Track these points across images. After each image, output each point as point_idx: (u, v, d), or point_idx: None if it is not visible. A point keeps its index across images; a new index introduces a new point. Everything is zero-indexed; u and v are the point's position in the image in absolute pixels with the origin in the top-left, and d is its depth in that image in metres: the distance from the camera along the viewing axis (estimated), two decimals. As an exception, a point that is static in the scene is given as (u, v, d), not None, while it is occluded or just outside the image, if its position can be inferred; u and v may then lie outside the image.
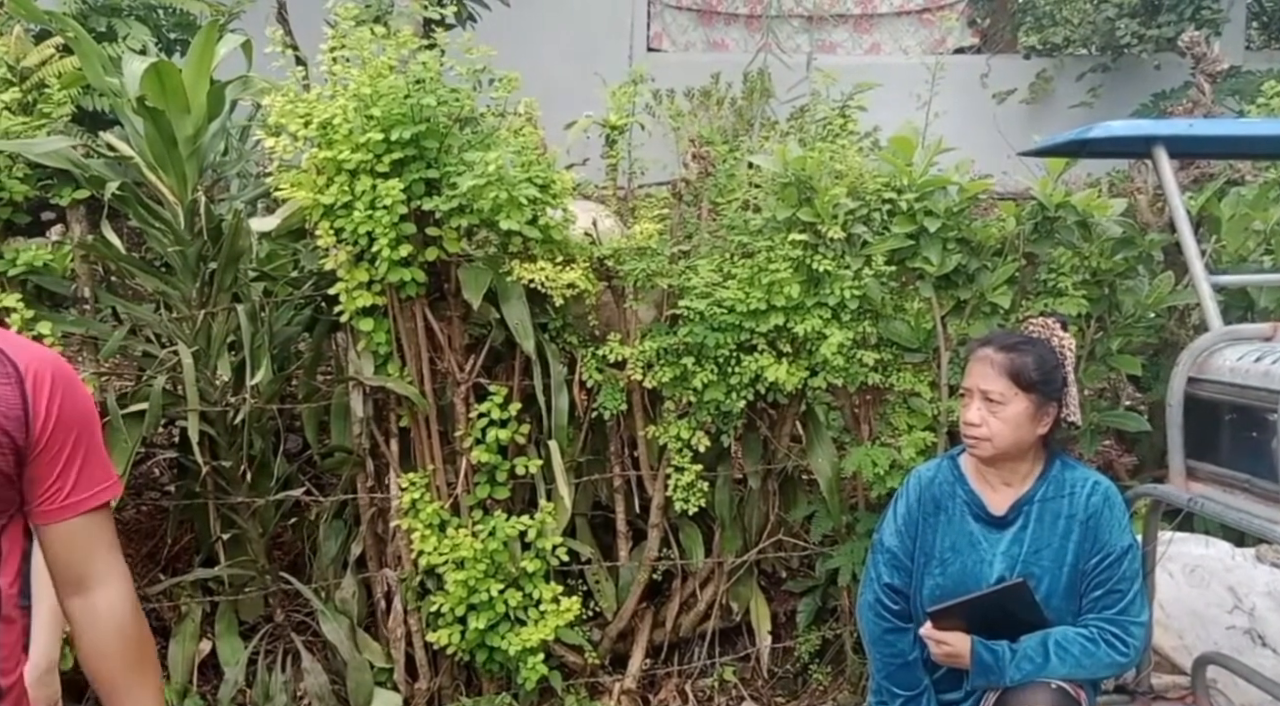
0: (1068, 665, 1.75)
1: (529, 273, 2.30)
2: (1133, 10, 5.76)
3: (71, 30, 2.51)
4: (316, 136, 2.27)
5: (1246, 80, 5.40)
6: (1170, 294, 2.50)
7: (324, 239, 2.32)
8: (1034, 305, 2.44)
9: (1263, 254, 2.74)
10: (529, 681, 2.46)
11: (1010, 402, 1.78)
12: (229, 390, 2.52)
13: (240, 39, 2.75)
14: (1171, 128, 2.13)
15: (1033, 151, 2.31)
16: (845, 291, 2.36)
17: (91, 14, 3.57)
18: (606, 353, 2.46)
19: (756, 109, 4.99)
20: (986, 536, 1.85)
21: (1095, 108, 6.05)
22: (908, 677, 1.89)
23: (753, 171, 2.72)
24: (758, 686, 2.69)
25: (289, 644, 2.58)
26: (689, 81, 5.52)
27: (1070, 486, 1.83)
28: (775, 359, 2.41)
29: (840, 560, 2.55)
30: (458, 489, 2.50)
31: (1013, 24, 6.52)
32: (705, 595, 2.67)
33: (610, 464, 2.62)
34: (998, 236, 2.48)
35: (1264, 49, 6.87)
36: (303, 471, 2.76)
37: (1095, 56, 6.18)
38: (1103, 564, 1.80)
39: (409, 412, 2.49)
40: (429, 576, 2.50)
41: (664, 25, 6.67)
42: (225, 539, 2.57)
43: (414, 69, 2.28)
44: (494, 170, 2.19)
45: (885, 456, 2.41)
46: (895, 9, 6.70)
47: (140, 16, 3.72)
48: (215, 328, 2.52)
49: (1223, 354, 1.82)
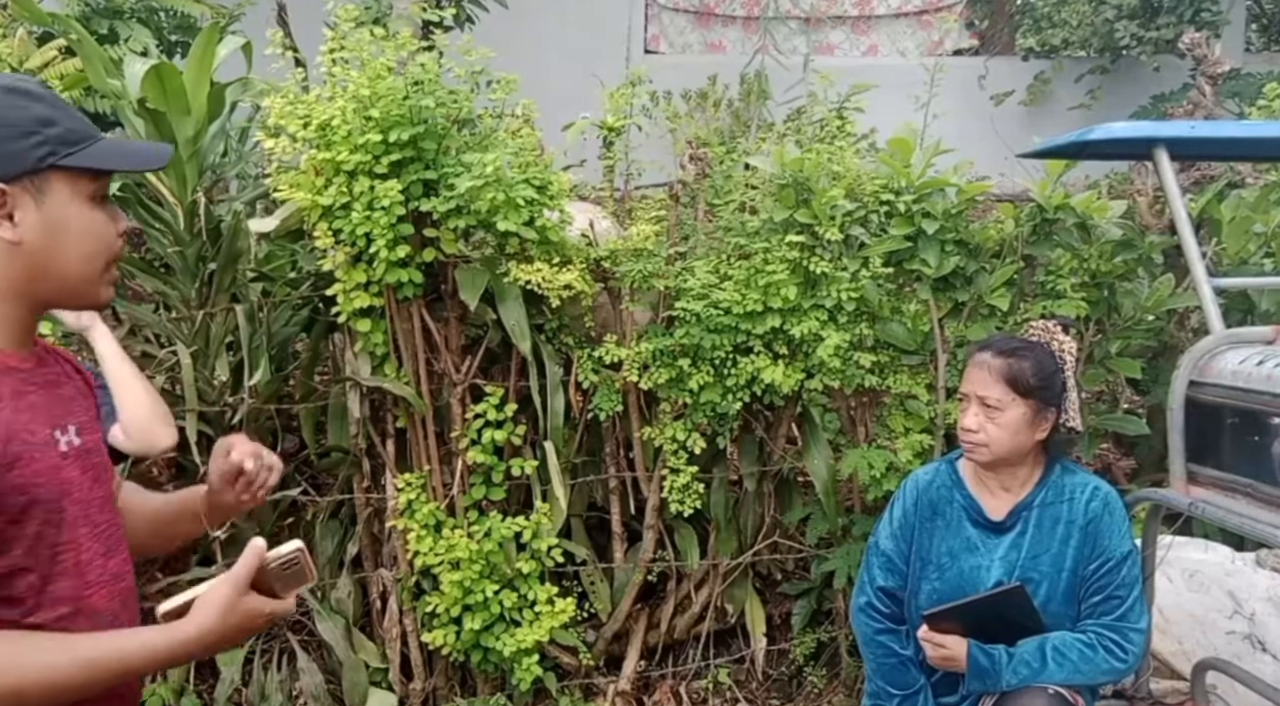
0: (1065, 670, 1.74)
1: (526, 274, 2.30)
2: (1132, 12, 5.77)
3: (74, 32, 2.52)
4: (315, 138, 2.27)
5: (1247, 82, 5.39)
6: (1170, 297, 2.50)
7: (322, 240, 2.32)
8: (1032, 307, 2.44)
9: (1263, 256, 2.73)
10: (524, 682, 2.46)
11: (1008, 409, 1.77)
12: (227, 390, 2.52)
13: (240, 41, 2.76)
14: (1173, 130, 2.13)
15: (1032, 153, 2.30)
16: (842, 293, 2.35)
17: (94, 16, 3.58)
18: (603, 354, 2.46)
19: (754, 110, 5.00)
20: (984, 541, 1.84)
21: (1094, 110, 6.05)
22: (903, 677, 1.88)
23: (750, 173, 2.72)
24: (752, 688, 2.68)
25: (285, 643, 2.57)
26: (686, 83, 5.53)
27: (1070, 491, 1.83)
28: (772, 361, 2.40)
29: (836, 562, 2.55)
30: (454, 489, 2.50)
31: (1011, 26, 6.53)
32: (700, 597, 2.66)
33: (606, 465, 2.62)
34: (996, 238, 2.48)
35: (1264, 51, 6.87)
36: (299, 471, 2.76)
37: (1094, 58, 6.19)
38: (1102, 569, 1.79)
39: (405, 413, 2.49)
40: (425, 577, 2.49)
41: (661, 27, 6.67)
42: (222, 538, 2.56)
43: (412, 71, 2.28)
44: (492, 171, 2.18)
45: (882, 459, 2.40)
46: (893, 10, 6.70)
47: (142, 19, 3.74)
48: (214, 328, 2.52)
49: (1224, 357, 1.81)
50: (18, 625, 0.93)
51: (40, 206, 0.97)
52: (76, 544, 0.99)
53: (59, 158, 0.97)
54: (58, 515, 0.96)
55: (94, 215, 1.01)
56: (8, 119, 0.95)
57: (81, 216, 0.99)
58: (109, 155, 1.02)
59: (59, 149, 0.97)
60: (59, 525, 0.97)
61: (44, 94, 1.00)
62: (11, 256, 0.97)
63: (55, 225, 0.97)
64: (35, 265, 0.98)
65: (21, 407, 0.96)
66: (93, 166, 0.99)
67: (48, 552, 0.96)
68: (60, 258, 0.98)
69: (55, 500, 0.96)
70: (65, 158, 0.97)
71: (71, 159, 0.98)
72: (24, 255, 0.97)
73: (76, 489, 1.00)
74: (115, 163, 1.04)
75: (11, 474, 0.92)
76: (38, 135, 0.96)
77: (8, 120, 0.95)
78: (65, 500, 0.98)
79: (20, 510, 0.93)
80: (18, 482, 0.92)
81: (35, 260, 0.97)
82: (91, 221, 1.00)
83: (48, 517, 0.95)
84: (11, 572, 0.93)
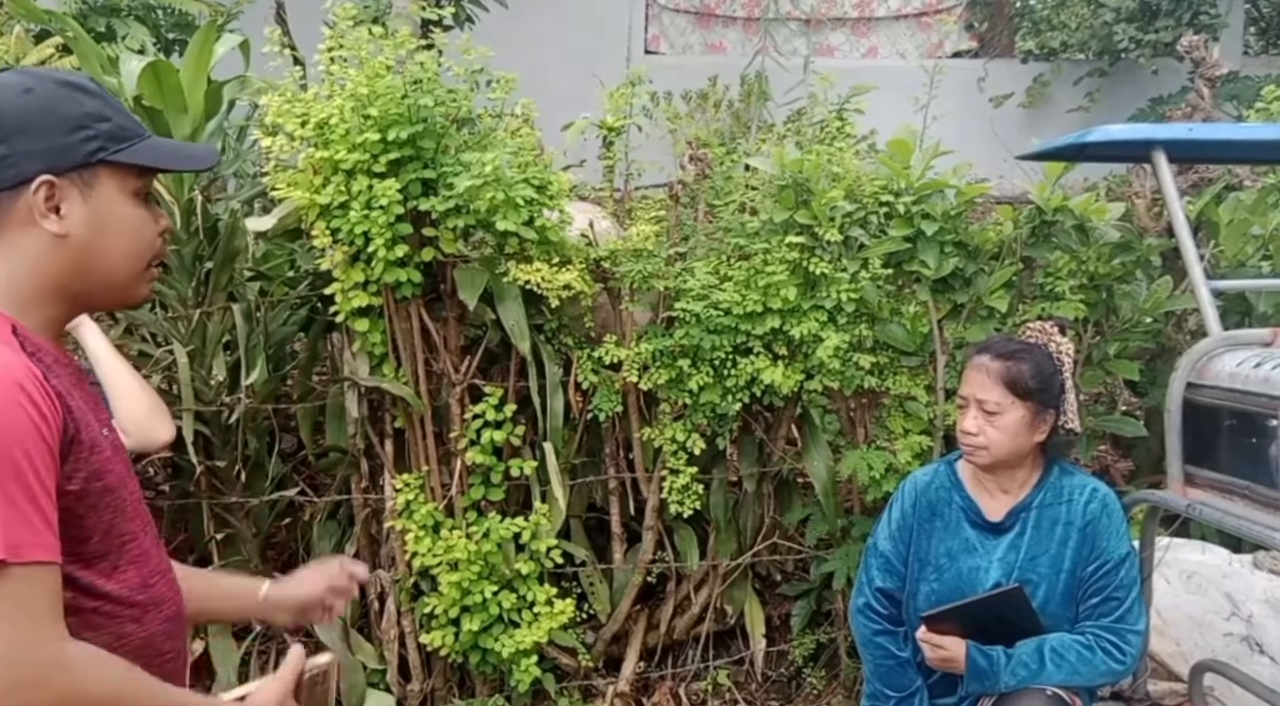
0: (1063, 672, 1.74)
1: (525, 274, 2.30)
2: (1130, 15, 5.78)
3: (71, 30, 2.51)
4: (313, 136, 2.26)
5: (1245, 85, 5.41)
6: (1168, 299, 2.50)
7: (320, 239, 2.31)
8: (1031, 309, 2.44)
9: (1261, 259, 2.74)
10: (522, 683, 2.45)
11: (1007, 411, 1.77)
12: (224, 390, 2.51)
13: (238, 39, 2.75)
14: (1171, 132, 2.13)
15: (1031, 155, 2.30)
16: (842, 294, 2.35)
17: (91, 14, 3.57)
18: (602, 354, 2.45)
19: (754, 111, 5.00)
20: (983, 542, 1.84)
21: (1092, 112, 6.07)
22: (900, 678, 1.88)
23: (750, 174, 2.72)
24: (751, 690, 2.68)
25: (282, 644, 2.57)
26: (686, 84, 5.54)
27: (1068, 493, 1.83)
28: (771, 362, 2.40)
29: (835, 563, 2.55)
30: (452, 490, 2.49)
31: (1010, 28, 6.54)
32: (700, 598, 2.66)
33: (605, 466, 2.62)
34: (995, 240, 2.48)
35: (1262, 54, 6.89)
36: (297, 471, 2.76)
37: (1092, 61, 6.20)
38: (1100, 571, 1.79)
39: (404, 413, 2.49)
40: (423, 578, 2.49)
41: (662, 28, 6.67)
42: (219, 539, 2.55)
43: (411, 69, 2.28)
44: (491, 171, 2.18)
45: (881, 460, 2.40)
46: (893, 12, 6.71)
47: (139, 16, 3.73)
48: (211, 327, 2.51)
49: (1222, 359, 1.81)
50: (96, 612, 0.95)
51: (87, 201, 0.97)
52: (135, 534, 1.01)
53: (109, 153, 0.97)
54: (122, 504, 0.98)
55: (137, 212, 1.01)
56: (61, 112, 0.96)
57: (126, 213, 1.00)
58: (158, 153, 1.03)
59: (109, 145, 0.97)
60: (123, 514, 0.98)
61: (97, 90, 1.00)
62: (56, 250, 0.96)
63: (101, 220, 0.98)
64: (79, 259, 0.97)
65: (80, 397, 0.97)
66: (142, 163, 1.00)
67: (117, 541, 0.97)
68: (104, 253, 0.99)
69: (119, 489, 0.98)
70: (115, 153, 0.98)
71: (121, 155, 0.98)
72: (69, 249, 0.97)
73: (128, 482, 1.02)
74: (164, 161, 1.05)
75: (94, 457, 0.94)
76: (89, 129, 0.96)
77: (61, 113, 0.96)
78: (124, 490, 1.00)
79: (98, 495, 0.94)
80: (97, 467, 0.94)
81: (79, 254, 0.97)
82: (135, 218, 1.01)
83: (118, 505, 0.97)
84: (90, 560, 0.94)
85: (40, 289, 0.97)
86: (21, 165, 0.94)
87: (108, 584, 0.96)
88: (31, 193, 0.94)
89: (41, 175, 0.94)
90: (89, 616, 0.94)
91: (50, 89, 0.96)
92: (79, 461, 0.92)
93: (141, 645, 0.99)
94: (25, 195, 0.94)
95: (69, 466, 0.91)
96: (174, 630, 1.05)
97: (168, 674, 1.00)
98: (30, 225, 0.95)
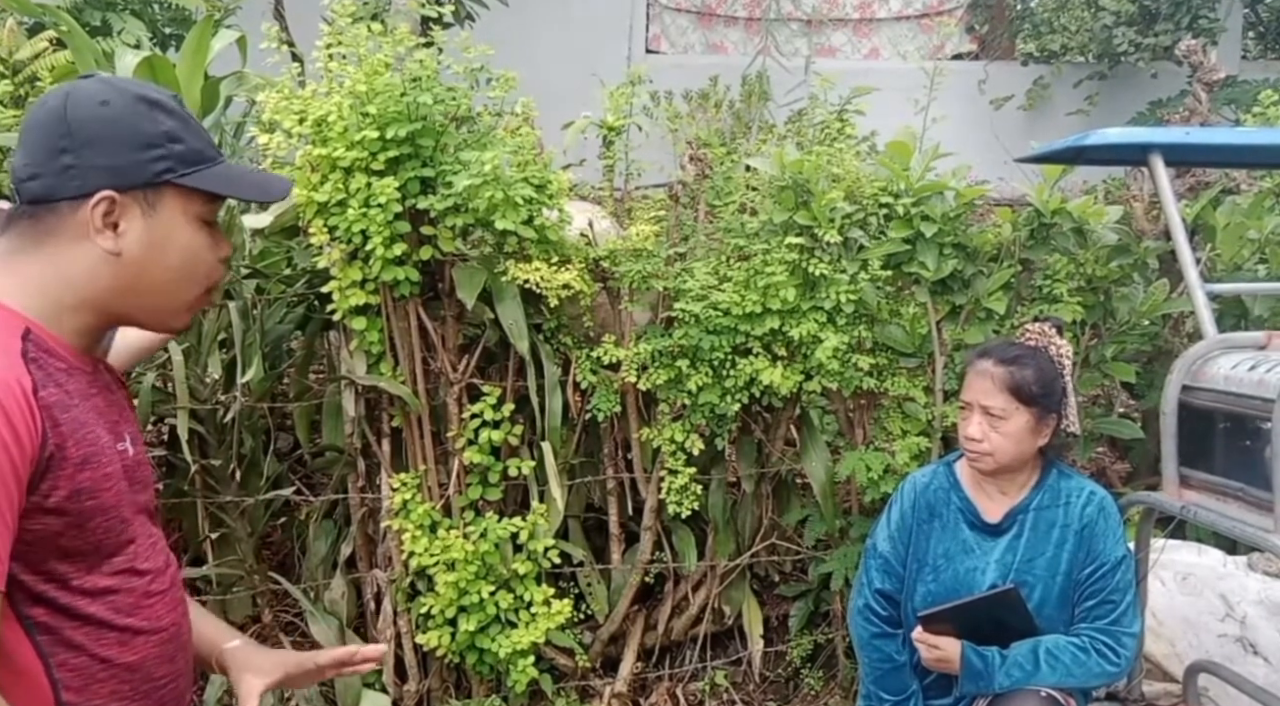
0: (1058, 673, 1.75)
1: (524, 273, 2.29)
2: (1130, 19, 5.79)
3: (64, 24, 2.49)
4: (311, 133, 2.25)
5: (1242, 89, 5.42)
6: (1164, 302, 2.51)
7: (317, 237, 2.30)
8: (1029, 311, 2.44)
9: (1257, 263, 2.75)
10: (519, 684, 2.45)
11: (1011, 417, 1.76)
12: (219, 388, 2.50)
13: (235, 34, 2.74)
14: (1168, 136, 2.13)
15: (1030, 158, 2.30)
16: (841, 295, 2.35)
17: (86, 8, 3.55)
18: (601, 354, 2.45)
19: (754, 112, 5.00)
20: (980, 543, 1.84)
21: (1092, 115, 6.08)
22: (896, 682, 1.88)
23: (750, 174, 2.72)
24: (749, 690, 2.68)
25: (277, 644, 2.56)
26: (687, 83, 5.53)
27: (1066, 495, 1.83)
28: (770, 362, 2.40)
29: (833, 564, 2.55)
30: (449, 490, 2.48)
31: (1011, 31, 6.55)
32: (697, 598, 2.66)
33: (604, 466, 2.61)
34: (994, 242, 2.48)
35: (1260, 58, 6.91)
36: (293, 470, 2.75)
37: (1092, 64, 6.21)
38: (1096, 574, 1.79)
39: (401, 412, 2.48)
40: (419, 577, 2.48)
41: (663, 27, 6.67)
42: (214, 538, 2.55)
43: (410, 67, 2.27)
44: (490, 170, 2.17)
45: (879, 461, 2.40)
46: (894, 14, 6.71)
47: (135, 11, 3.71)
48: (206, 325, 2.50)
49: (1217, 362, 1.82)
50: (76, 632, 0.91)
51: (147, 221, 0.94)
52: (133, 554, 0.97)
53: (177, 176, 0.95)
54: (116, 523, 0.94)
55: (198, 237, 0.98)
56: (135, 128, 0.93)
57: (185, 237, 0.97)
58: (229, 181, 0.99)
59: (179, 166, 0.95)
60: (117, 533, 0.94)
61: (178, 109, 0.97)
62: (107, 266, 0.94)
63: (159, 242, 0.95)
64: (129, 279, 0.95)
65: (88, 409, 0.93)
66: (211, 190, 0.97)
67: (104, 561, 0.93)
68: (153, 275, 0.96)
69: (115, 508, 0.94)
70: (183, 177, 0.95)
71: (190, 179, 0.95)
72: (120, 266, 0.94)
73: (129, 499, 0.97)
74: (234, 189, 1.01)
75: (83, 474, 0.89)
76: (161, 149, 0.94)
77: (135, 129, 0.93)
78: (124, 509, 0.95)
79: (86, 514, 0.90)
80: (86, 485, 0.90)
81: (128, 273, 0.95)
82: (195, 243, 0.98)
83: (109, 525, 0.93)
84: (66, 580, 0.90)
85: (81, 301, 0.94)
86: (86, 177, 0.91)
87: (90, 606, 0.92)
88: (91, 206, 0.92)
89: (103, 190, 0.91)
90: (69, 634, 0.90)
91: (128, 103, 0.94)
92: (59, 478, 0.87)
93: (128, 669, 0.95)
94: (85, 207, 0.92)
95: (46, 483, 0.86)
96: (171, 654, 1.00)
97: (161, 701, 0.96)
98: (83, 238, 0.92)
